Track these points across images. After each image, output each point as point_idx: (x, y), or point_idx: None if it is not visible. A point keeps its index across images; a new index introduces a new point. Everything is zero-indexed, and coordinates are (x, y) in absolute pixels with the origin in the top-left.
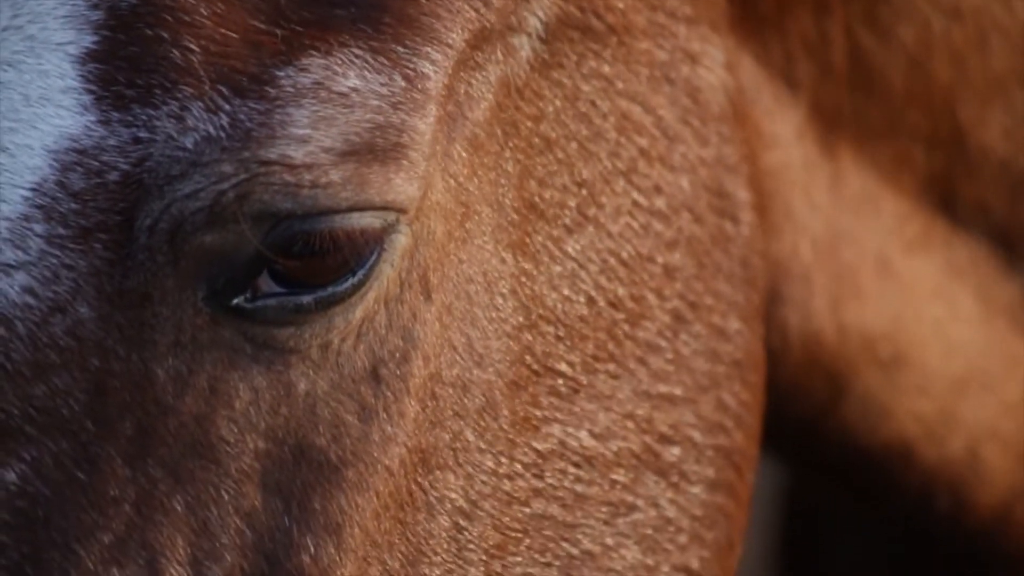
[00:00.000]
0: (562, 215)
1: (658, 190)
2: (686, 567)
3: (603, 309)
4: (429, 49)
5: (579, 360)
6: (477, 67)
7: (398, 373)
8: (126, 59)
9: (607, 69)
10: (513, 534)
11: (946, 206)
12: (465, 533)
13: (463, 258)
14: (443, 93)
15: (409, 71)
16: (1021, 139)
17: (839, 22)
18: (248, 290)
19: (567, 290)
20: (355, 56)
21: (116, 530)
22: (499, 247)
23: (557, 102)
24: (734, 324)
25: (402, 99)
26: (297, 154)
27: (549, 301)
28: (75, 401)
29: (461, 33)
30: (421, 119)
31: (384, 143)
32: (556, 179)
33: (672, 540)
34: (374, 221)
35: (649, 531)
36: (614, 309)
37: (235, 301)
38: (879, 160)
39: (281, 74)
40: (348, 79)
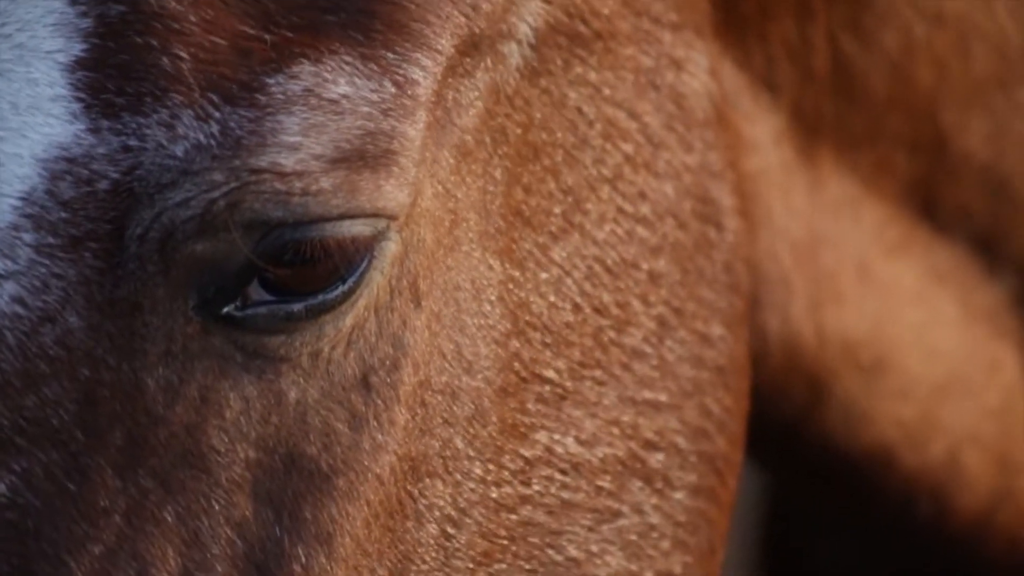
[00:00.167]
0: (548, 222)
1: (643, 196)
2: (669, 572)
3: (589, 315)
4: (419, 55)
5: (565, 367)
6: (466, 73)
7: (388, 381)
8: (116, 67)
9: (593, 76)
10: (500, 541)
11: (927, 211)
12: (453, 541)
13: (451, 265)
14: (432, 99)
15: (399, 77)
16: (1002, 144)
17: (822, 27)
18: (238, 298)
19: (553, 297)
20: (345, 63)
21: (107, 541)
22: (487, 254)
23: (545, 109)
24: (717, 330)
25: (392, 105)
26: (288, 162)
27: (536, 308)
28: (65, 411)
29: (451, 39)
30: (411, 125)
31: (374, 150)
32: (542, 186)
33: (655, 546)
34: (364, 228)
35: (633, 537)
36: (599, 315)
37: (226, 310)
38: (860, 165)
39: (271, 81)
40: (338, 86)
